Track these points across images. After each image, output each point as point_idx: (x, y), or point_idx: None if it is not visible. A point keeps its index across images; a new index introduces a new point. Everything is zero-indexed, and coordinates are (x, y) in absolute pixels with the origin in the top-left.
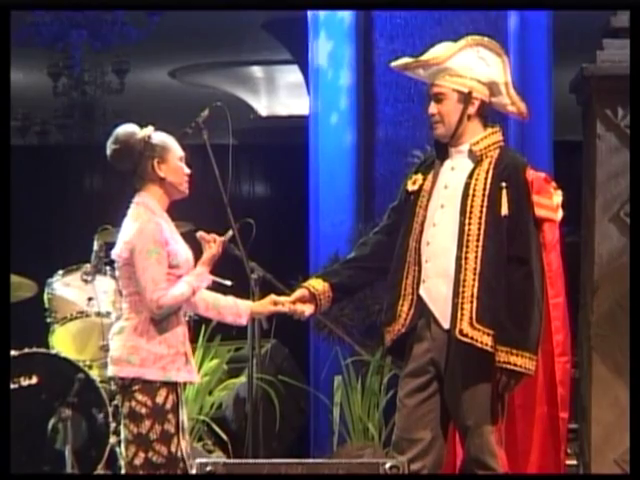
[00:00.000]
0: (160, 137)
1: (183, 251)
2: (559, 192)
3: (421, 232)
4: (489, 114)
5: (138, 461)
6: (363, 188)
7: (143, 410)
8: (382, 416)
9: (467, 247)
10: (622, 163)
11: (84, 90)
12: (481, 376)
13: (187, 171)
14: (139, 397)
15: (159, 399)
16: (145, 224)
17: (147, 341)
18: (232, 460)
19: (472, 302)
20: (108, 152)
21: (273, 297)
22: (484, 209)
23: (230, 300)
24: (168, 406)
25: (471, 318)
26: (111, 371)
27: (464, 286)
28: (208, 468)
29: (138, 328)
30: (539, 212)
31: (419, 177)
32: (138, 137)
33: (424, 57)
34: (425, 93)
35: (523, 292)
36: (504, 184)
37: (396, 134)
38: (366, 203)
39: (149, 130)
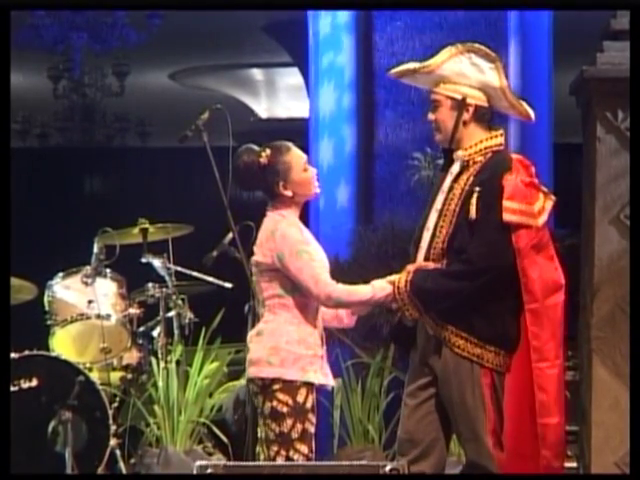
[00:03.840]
0: (279, 157)
1: (322, 254)
2: (550, 197)
3: (419, 237)
4: (491, 118)
5: (280, 460)
6: (363, 190)
7: (285, 409)
8: (382, 419)
9: (434, 249)
10: (622, 166)
11: (84, 93)
12: (471, 381)
13: (313, 172)
14: (280, 396)
15: (300, 398)
16: (286, 228)
17: (287, 342)
18: (232, 462)
19: None
20: (231, 177)
21: None
22: (457, 212)
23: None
24: (308, 405)
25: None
26: (251, 373)
27: None
28: (208, 470)
29: (277, 330)
30: (509, 217)
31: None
32: (257, 162)
33: (416, 65)
34: (425, 96)
35: (451, 286)
36: (477, 188)
37: (396, 137)
38: (366, 206)
39: (267, 152)
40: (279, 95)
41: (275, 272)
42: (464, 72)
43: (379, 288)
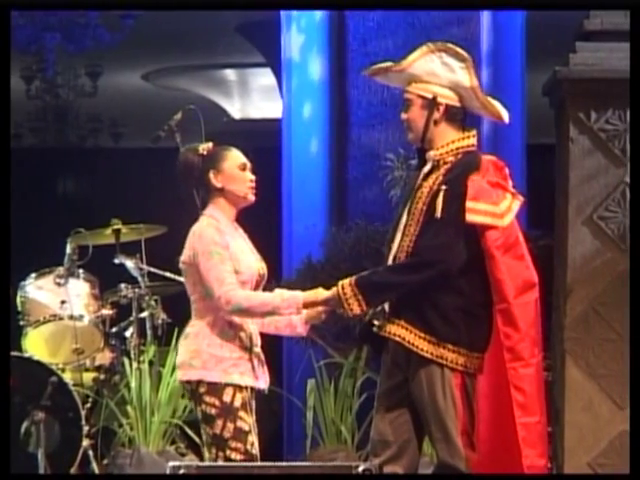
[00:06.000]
0: (216, 149)
1: (247, 259)
2: (518, 197)
3: (392, 238)
4: (464, 118)
5: (221, 462)
6: (336, 191)
7: (213, 411)
8: (355, 419)
9: (401, 247)
10: (595, 166)
11: (57, 93)
12: (440, 381)
13: (251, 177)
14: (207, 399)
15: (226, 398)
16: (204, 229)
17: (208, 345)
18: (205, 463)
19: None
20: (177, 175)
21: None
22: (423, 211)
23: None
24: (237, 404)
25: (385, 312)
26: (178, 376)
27: None
28: (181, 471)
29: (200, 333)
30: (472, 218)
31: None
32: (195, 154)
33: (388, 64)
34: (398, 96)
35: (395, 278)
36: (444, 187)
37: (369, 137)
38: (339, 206)
39: (207, 145)
40: (252, 95)
41: (198, 274)
42: (435, 71)
43: (281, 299)
